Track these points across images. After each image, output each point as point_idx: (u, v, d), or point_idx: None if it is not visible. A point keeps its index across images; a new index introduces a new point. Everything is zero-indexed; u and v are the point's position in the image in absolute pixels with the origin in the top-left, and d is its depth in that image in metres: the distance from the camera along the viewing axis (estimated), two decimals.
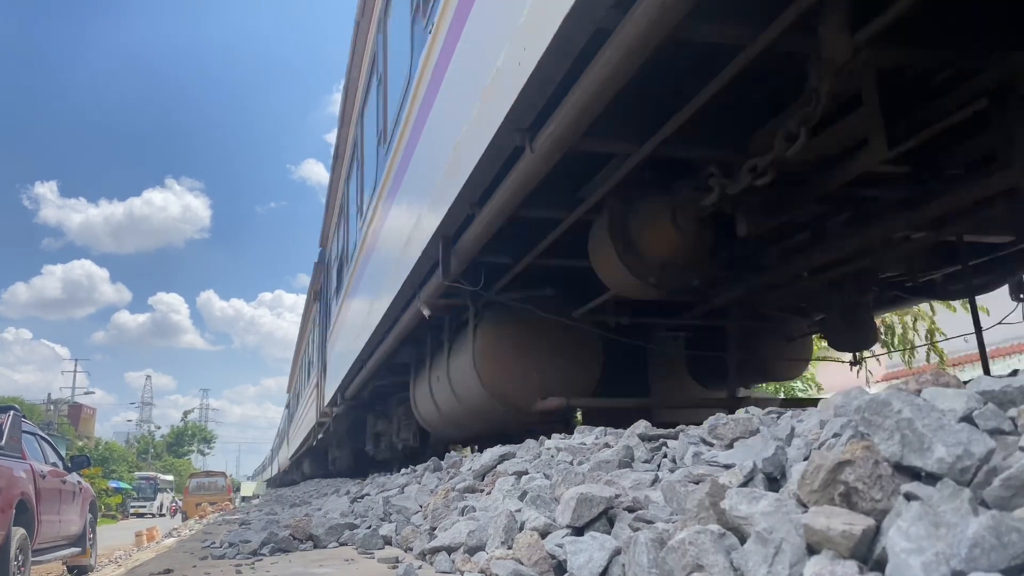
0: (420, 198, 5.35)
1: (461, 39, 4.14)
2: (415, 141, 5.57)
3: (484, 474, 3.35)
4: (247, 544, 3.53)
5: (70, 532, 7.89)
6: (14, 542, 5.65)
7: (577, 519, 1.80)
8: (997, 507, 1.05)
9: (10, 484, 5.81)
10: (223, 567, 3.07)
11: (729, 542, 1.29)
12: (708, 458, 2.09)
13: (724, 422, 2.30)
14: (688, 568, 1.29)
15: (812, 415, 1.93)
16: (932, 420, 1.21)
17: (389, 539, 3.09)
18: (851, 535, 1.08)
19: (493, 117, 3.44)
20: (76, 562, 8.59)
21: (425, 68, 5.06)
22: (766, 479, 1.58)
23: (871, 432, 1.29)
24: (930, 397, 1.37)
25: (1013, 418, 1.28)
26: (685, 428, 2.57)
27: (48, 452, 7.98)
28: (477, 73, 3.75)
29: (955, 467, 1.15)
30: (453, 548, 2.30)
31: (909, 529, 1.02)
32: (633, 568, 1.45)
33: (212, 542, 4.35)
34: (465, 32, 4.05)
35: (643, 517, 1.73)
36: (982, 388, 1.38)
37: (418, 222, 5.33)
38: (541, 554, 1.74)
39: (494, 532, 2.11)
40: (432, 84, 4.89)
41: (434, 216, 4.73)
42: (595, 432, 3.27)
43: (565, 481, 2.25)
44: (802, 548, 1.15)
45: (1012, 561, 0.92)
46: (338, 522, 3.67)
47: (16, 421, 6.92)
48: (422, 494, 3.87)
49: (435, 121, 4.87)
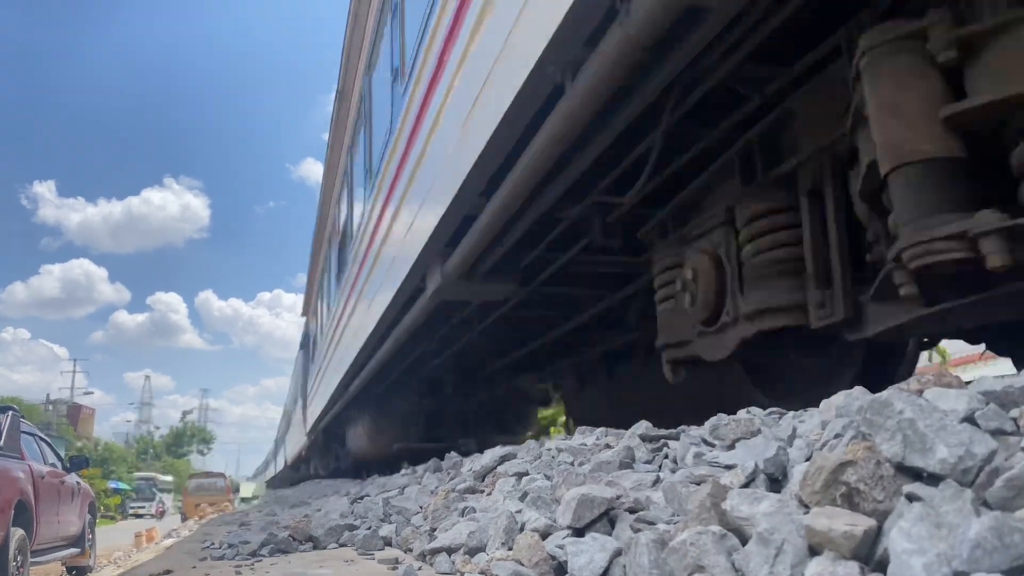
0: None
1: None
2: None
3: (484, 475, 3.34)
4: (246, 545, 3.53)
5: (69, 533, 7.87)
6: (13, 543, 5.64)
7: (578, 520, 1.80)
8: (999, 508, 1.05)
9: (9, 485, 5.80)
10: (222, 568, 3.07)
11: (730, 543, 1.29)
12: (709, 459, 2.08)
13: (725, 423, 2.30)
14: (689, 569, 1.29)
15: (814, 416, 1.92)
16: (934, 421, 1.21)
17: (389, 540, 3.08)
18: (853, 536, 1.08)
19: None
20: (75, 563, 8.58)
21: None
22: (768, 480, 1.58)
23: (873, 433, 1.28)
24: (932, 397, 1.37)
25: (1015, 419, 1.28)
26: (687, 428, 2.57)
27: (47, 453, 7.97)
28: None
29: (957, 468, 1.14)
30: (453, 549, 2.30)
31: (911, 530, 1.02)
32: (634, 569, 1.45)
33: (211, 543, 4.34)
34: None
35: (644, 518, 1.73)
36: (984, 388, 1.38)
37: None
38: (542, 555, 1.74)
39: (494, 533, 2.10)
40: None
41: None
42: (596, 433, 3.27)
43: (566, 482, 2.25)
44: (804, 549, 1.15)
45: (1014, 562, 0.92)
46: (338, 523, 3.67)
47: (15, 421, 6.91)
48: (422, 495, 3.86)
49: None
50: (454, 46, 4.23)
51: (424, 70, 4.98)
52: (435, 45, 4.67)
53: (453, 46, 4.25)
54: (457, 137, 4.17)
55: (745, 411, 2.39)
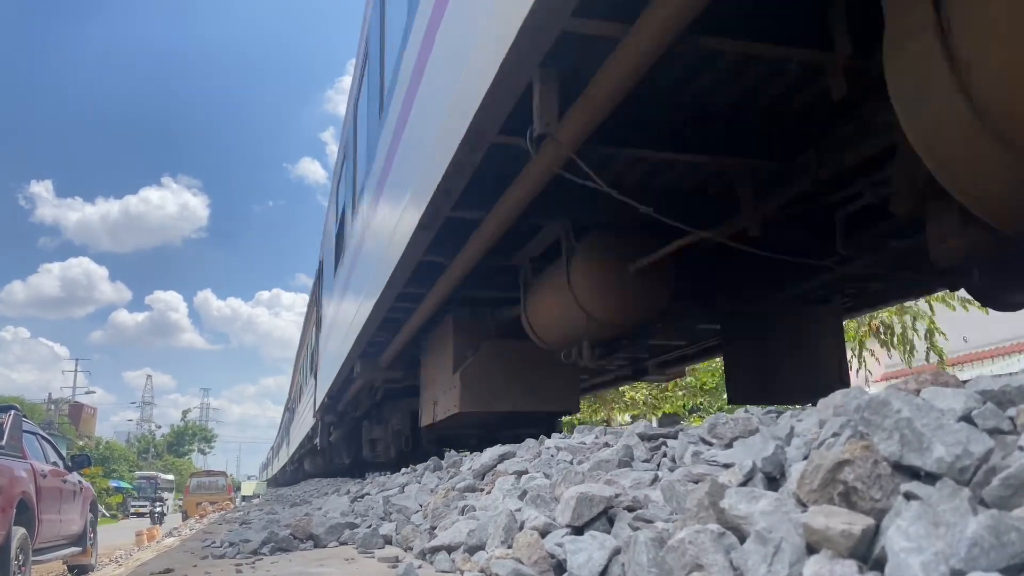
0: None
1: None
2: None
3: (484, 473, 3.35)
4: (247, 543, 3.53)
5: (71, 531, 7.89)
6: (15, 541, 5.65)
7: (577, 518, 1.80)
8: (996, 506, 1.06)
9: (11, 483, 5.81)
10: (223, 566, 3.07)
11: (728, 541, 1.29)
12: (708, 457, 2.09)
13: (724, 421, 2.30)
14: (687, 567, 1.29)
15: (811, 414, 1.93)
16: (931, 419, 1.21)
17: (389, 538, 3.09)
18: (850, 534, 1.08)
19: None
20: (77, 561, 8.60)
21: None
22: (765, 478, 1.58)
23: (870, 431, 1.29)
24: (929, 397, 1.37)
25: (1012, 417, 1.28)
26: (684, 427, 2.57)
27: (49, 452, 7.99)
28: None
29: (954, 466, 1.15)
30: (453, 547, 2.30)
31: (908, 528, 1.02)
32: (633, 567, 1.45)
33: (212, 541, 4.34)
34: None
35: (643, 516, 1.74)
36: (981, 388, 1.38)
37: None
38: (541, 553, 1.74)
39: (494, 531, 2.11)
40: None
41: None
42: (595, 431, 3.28)
43: (565, 480, 2.25)
44: (801, 547, 1.15)
45: (1011, 560, 0.92)
46: (338, 521, 3.67)
47: (17, 421, 6.92)
48: (422, 493, 3.87)
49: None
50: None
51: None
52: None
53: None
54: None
55: (743, 410, 2.40)
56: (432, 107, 4.18)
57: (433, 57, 4.14)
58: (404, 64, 5.13)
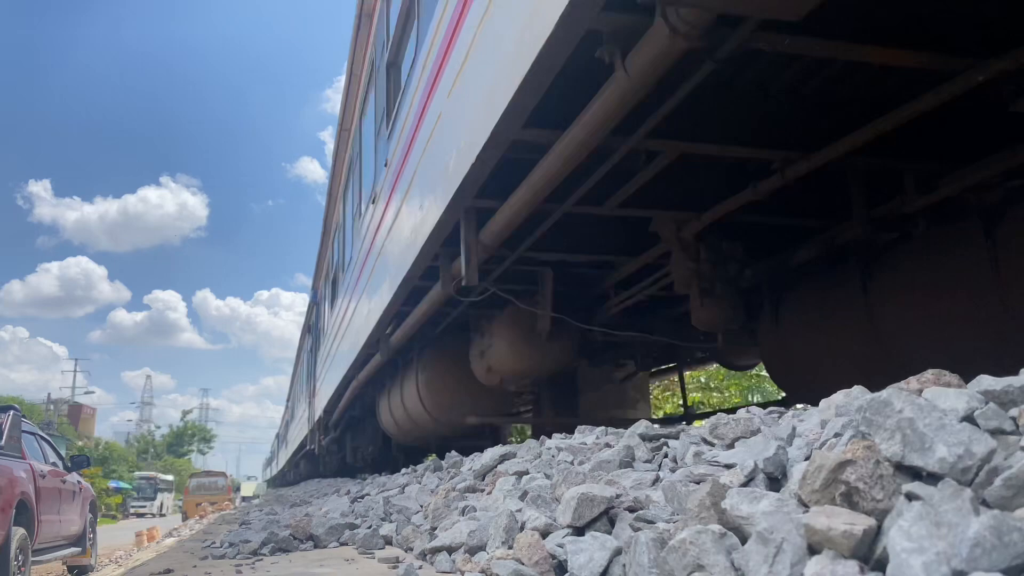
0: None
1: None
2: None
3: (485, 474, 3.34)
4: (247, 544, 3.53)
5: (70, 532, 7.88)
6: (14, 542, 5.64)
7: (578, 519, 1.80)
8: (998, 507, 1.05)
9: (10, 484, 5.80)
10: (223, 567, 3.07)
11: (730, 542, 1.29)
12: (709, 458, 2.08)
13: (725, 422, 2.30)
14: (689, 568, 1.29)
15: (813, 415, 1.93)
16: (933, 420, 1.21)
17: (390, 539, 3.09)
18: (852, 535, 1.08)
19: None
20: (76, 562, 8.59)
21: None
22: (767, 479, 1.58)
23: (872, 432, 1.29)
24: (931, 397, 1.37)
25: (1014, 418, 1.28)
26: (686, 428, 2.57)
27: (48, 452, 7.98)
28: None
29: (956, 467, 1.15)
30: (454, 548, 2.30)
31: (910, 529, 1.02)
32: (634, 568, 1.45)
33: (212, 542, 4.34)
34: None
35: (644, 517, 1.73)
36: (983, 388, 1.38)
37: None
38: (542, 554, 1.74)
39: (495, 532, 2.11)
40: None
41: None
42: (596, 432, 3.27)
43: (566, 481, 2.25)
44: (803, 548, 1.15)
45: (1013, 561, 0.92)
46: (338, 522, 3.67)
47: (16, 421, 6.91)
48: (423, 494, 3.87)
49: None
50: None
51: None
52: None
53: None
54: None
55: (744, 410, 2.40)
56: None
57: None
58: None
